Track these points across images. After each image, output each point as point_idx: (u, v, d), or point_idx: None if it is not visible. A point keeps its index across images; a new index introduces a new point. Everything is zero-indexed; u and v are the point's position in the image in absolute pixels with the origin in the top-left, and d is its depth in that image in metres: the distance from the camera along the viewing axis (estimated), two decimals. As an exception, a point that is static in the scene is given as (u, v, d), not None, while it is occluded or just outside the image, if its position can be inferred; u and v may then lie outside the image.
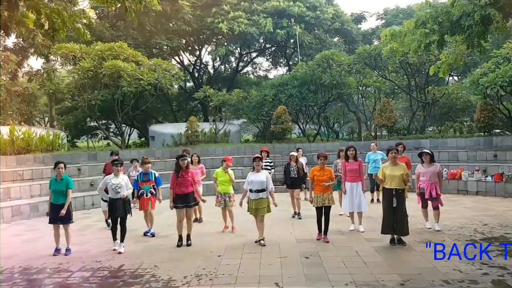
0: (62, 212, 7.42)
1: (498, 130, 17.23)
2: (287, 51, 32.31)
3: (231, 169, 9.11)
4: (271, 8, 26.90)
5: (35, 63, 65.23)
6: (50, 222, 7.66)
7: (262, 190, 7.67)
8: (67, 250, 7.54)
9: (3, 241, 8.66)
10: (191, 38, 29.42)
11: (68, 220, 7.61)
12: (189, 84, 32.48)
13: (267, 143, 19.60)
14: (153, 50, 27.00)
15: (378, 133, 23.02)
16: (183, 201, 7.83)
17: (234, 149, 17.76)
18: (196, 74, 32.72)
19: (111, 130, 26.54)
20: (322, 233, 7.87)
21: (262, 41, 29.90)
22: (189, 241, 7.83)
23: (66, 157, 14.31)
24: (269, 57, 35.22)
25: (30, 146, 15.07)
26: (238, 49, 30.93)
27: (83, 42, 17.33)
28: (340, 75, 20.59)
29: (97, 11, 24.06)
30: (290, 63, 32.44)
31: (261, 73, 37.49)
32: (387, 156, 8.05)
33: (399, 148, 9.19)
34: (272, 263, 6.50)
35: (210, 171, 11.73)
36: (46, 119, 32.21)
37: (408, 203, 7.63)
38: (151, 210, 8.77)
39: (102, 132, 24.64)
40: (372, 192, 12.08)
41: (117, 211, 7.56)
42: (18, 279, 6.26)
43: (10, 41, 26.09)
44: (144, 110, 22.29)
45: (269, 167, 10.86)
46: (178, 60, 30.90)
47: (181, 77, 22.68)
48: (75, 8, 15.89)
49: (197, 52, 31.78)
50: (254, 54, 34.06)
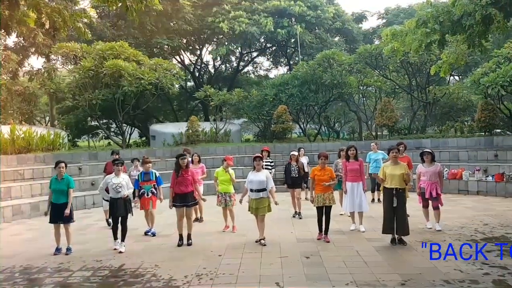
0: (66, 211, 7.42)
1: (499, 130, 17.19)
2: (288, 50, 32.33)
3: (232, 169, 9.12)
4: (272, 8, 26.90)
5: (36, 62, 65.30)
6: (50, 221, 7.65)
7: (262, 190, 7.65)
8: (68, 249, 7.54)
9: (3, 240, 8.68)
10: (192, 38, 29.45)
11: (69, 219, 7.60)
12: (190, 84, 32.46)
13: (268, 142, 19.59)
14: (154, 50, 27.03)
15: (379, 133, 23.02)
16: (182, 200, 7.84)
17: (235, 149, 17.77)
18: (197, 74, 32.75)
19: (112, 129, 26.53)
20: (323, 232, 7.86)
21: (262, 40, 29.92)
22: (190, 241, 7.83)
23: (67, 156, 14.31)
24: (269, 56, 35.22)
25: (31, 146, 15.08)
26: (239, 48, 30.91)
27: (84, 41, 17.42)
28: (341, 74, 20.60)
29: (98, 11, 24.12)
30: (291, 62, 32.42)
31: (262, 72, 37.56)
32: (388, 155, 8.05)
33: (400, 148, 9.19)
34: (272, 263, 6.50)
35: (210, 171, 11.73)
36: (47, 118, 32.23)
37: (408, 203, 7.63)
38: (152, 209, 8.79)
39: (103, 132, 24.64)
40: (372, 192, 12.07)
41: (118, 211, 7.57)
42: (18, 278, 6.26)
43: (11, 40, 26.23)
44: (145, 110, 22.28)
45: (270, 167, 10.85)
46: (179, 60, 30.95)
47: (181, 77, 22.65)
48: (76, 8, 15.90)
49: (198, 52, 31.81)
50: (254, 54, 34.08)
